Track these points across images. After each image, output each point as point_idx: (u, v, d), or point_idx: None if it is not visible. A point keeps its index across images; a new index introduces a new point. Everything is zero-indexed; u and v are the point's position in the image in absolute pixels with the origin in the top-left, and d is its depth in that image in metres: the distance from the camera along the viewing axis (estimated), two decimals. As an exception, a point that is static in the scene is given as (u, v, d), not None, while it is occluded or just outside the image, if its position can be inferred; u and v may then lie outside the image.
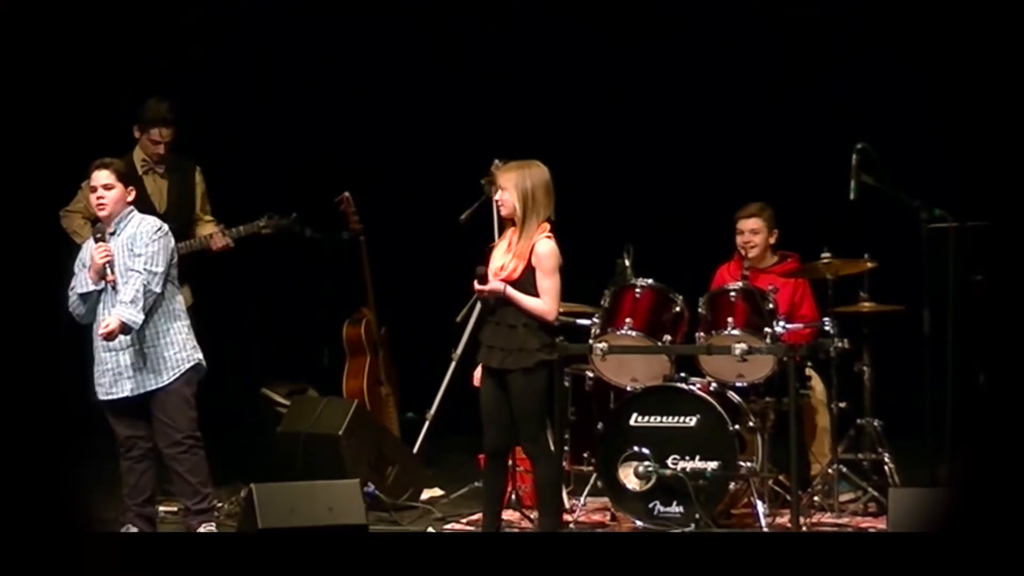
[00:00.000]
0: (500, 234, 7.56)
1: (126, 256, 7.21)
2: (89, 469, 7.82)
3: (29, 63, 6.39)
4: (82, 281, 7.23)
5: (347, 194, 9.02)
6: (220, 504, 7.90)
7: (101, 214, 7.26)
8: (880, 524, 7.56)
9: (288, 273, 10.41)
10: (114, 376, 7.21)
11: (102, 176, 7.25)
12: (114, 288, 7.14)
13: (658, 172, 10.22)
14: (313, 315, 10.24)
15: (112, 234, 7.25)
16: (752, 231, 8.33)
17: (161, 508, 7.71)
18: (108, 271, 7.12)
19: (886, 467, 7.94)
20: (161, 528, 7.55)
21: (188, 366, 7.25)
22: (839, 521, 7.75)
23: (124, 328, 7.08)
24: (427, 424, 8.89)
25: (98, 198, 7.24)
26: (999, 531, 5.52)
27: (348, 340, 9.30)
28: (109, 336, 7.07)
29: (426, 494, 8.47)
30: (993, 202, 6.52)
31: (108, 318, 7.09)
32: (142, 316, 7.10)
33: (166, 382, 7.20)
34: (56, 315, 7.22)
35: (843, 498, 7.94)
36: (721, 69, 10.14)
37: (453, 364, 8.81)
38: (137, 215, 7.33)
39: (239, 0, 10.11)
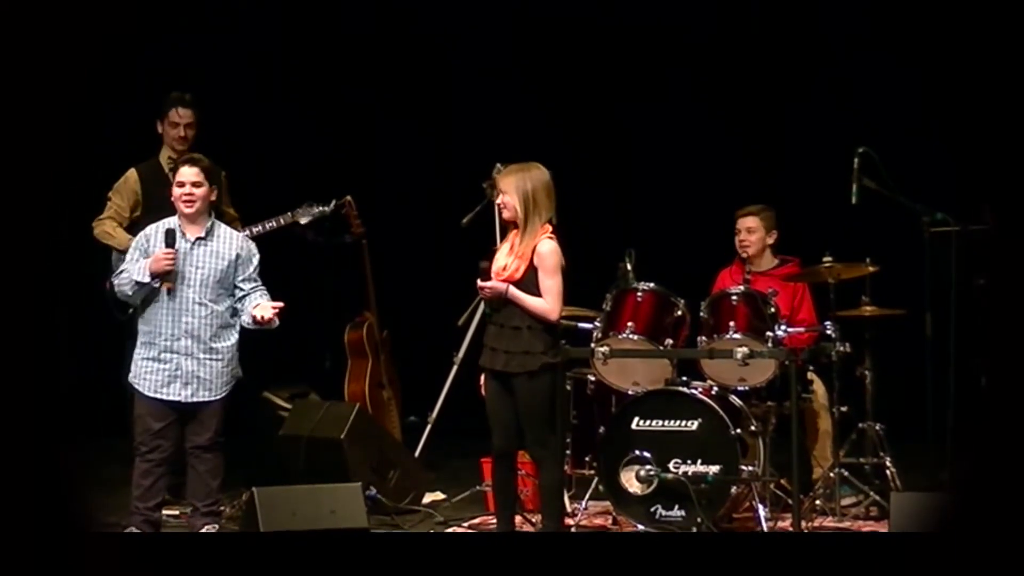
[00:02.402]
0: (502, 238, 7.56)
1: (220, 267, 7.16)
2: (90, 472, 7.81)
3: (27, 64, 6.38)
4: (141, 269, 7.13)
5: (349, 198, 9.01)
6: (222, 508, 7.88)
7: (187, 211, 7.15)
8: (882, 528, 7.55)
9: (290, 276, 10.39)
10: (169, 377, 7.14)
11: (192, 173, 7.16)
12: (170, 295, 7.08)
13: (659, 176, 10.22)
14: (315, 319, 10.24)
15: (201, 239, 7.17)
16: (748, 230, 8.37)
17: (164, 511, 7.70)
18: (164, 279, 7.06)
19: (888, 471, 7.93)
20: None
21: (234, 382, 7.31)
22: (840, 525, 7.74)
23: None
24: (429, 428, 8.88)
25: (187, 195, 7.13)
26: (1001, 535, 5.51)
27: (350, 344, 9.29)
28: (277, 315, 7.13)
29: (428, 498, 8.46)
30: (995, 205, 6.52)
31: (268, 305, 7.16)
32: None
33: (219, 396, 7.23)
34: (56, 316, 7.20)
35: (845, 502, 7.93)
36: (722, 72, 10.14)
37: (455, 367, 8.81)
38: (223, 226, 7.29)
39: (239, 0, 10.12)
